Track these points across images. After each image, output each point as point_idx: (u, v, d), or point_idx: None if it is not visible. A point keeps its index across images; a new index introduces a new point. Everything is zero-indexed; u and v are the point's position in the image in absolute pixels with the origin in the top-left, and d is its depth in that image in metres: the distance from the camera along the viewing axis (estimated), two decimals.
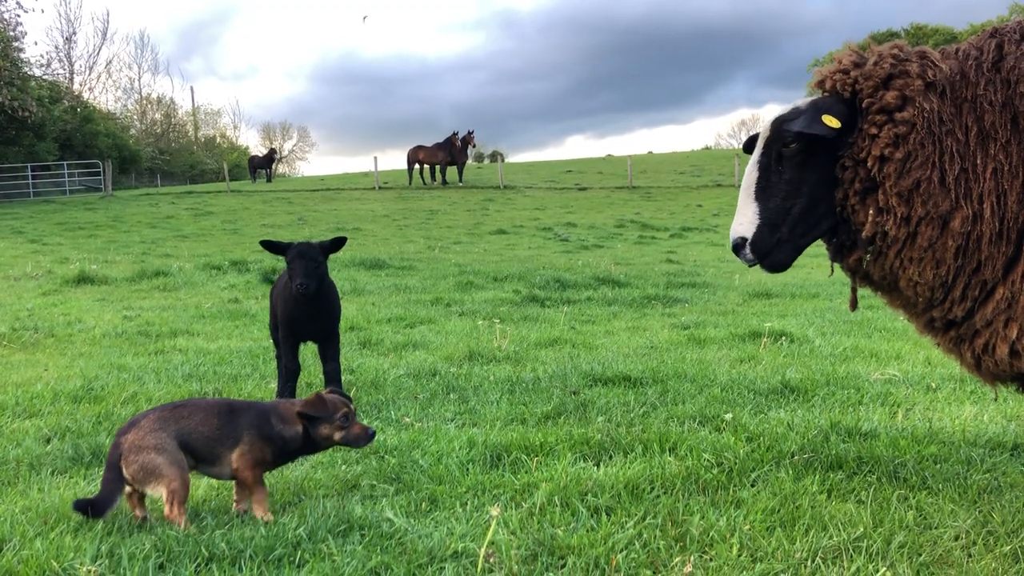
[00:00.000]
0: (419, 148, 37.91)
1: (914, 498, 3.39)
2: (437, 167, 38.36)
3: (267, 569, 2.75)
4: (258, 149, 73.39)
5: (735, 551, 2.92)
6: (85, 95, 59.11)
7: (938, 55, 2.97)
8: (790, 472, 3.68)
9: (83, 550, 2.83)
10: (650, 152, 63.84)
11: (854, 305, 3.35)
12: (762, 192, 3.13)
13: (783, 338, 7.65)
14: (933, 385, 5.69)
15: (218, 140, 77.89)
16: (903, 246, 2.92)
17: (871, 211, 2.94)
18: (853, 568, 2.79)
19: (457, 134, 36.95)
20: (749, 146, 3.30)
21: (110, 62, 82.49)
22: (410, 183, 38.10)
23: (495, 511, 2.94)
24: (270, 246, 5.11)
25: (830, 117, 2.96)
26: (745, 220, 3.14)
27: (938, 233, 2.85)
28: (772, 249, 3.13)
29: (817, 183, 3.07)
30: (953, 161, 2.81)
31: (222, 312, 10.03)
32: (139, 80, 79.56)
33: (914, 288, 3.01)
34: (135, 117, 69.33)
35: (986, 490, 3.51)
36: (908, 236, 2.90)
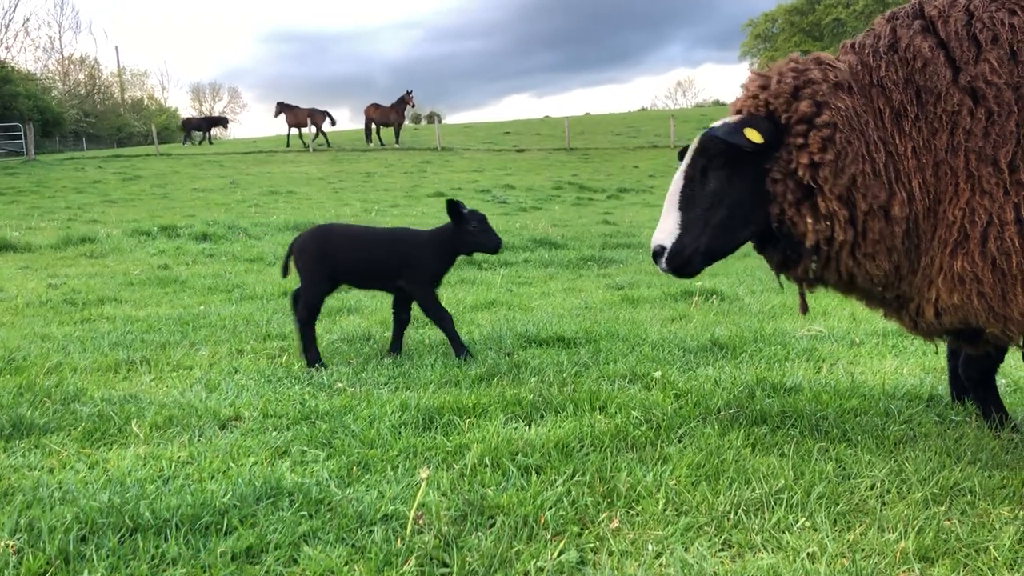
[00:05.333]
0: (374, 106, 37.23)
1: (834, 450, 3.50)
2: (382, 128, 37.81)
3: (194, 538, 2.72)
4: (188, 111, 71.43)
5: (661, 506, 2.99)
6: (2, 55, 56.71)
7: (832, 56, 3.10)
8: (716, 427, 3.76)
9: (0, 524, 2.77)
10: (587, 113, 63.87)
11: (804, 309, 3.47)
12: (685, 203, 3.23)
13: (714, 296, 7.79)
14: (857, 340, 5.85)
15: (146, 102, 75.63)
16: (855, 245, 2.99)
17: (809, 219, 3.02)
18: (774, 519, 2.88)
19: (411, 93, 36.39)
20: (683, 154, 3.36)
21: (27, 20, 79.33)
22: (368, 141, 37.53)
23: (424, 473, 2.96)
24: (455, 208, 5.38)
25: (752, 131, 3.04)
26: (666, 229, 3.25)
27: (884, 223, 2.93)
28: (687, 261, 3.24)
29: (739, 197, 3.15)
30: (878, 149, 2.90)
31: (151, 279, 9.80)
32: (60, 39, 76.60)
33: (870, 280, 3.10)
34: (57, 78, 66.85)
35: (902, 440, 3.64)
36: (857, 234, 2.98)
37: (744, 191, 3.14)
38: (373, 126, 37.70)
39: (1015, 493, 3.05)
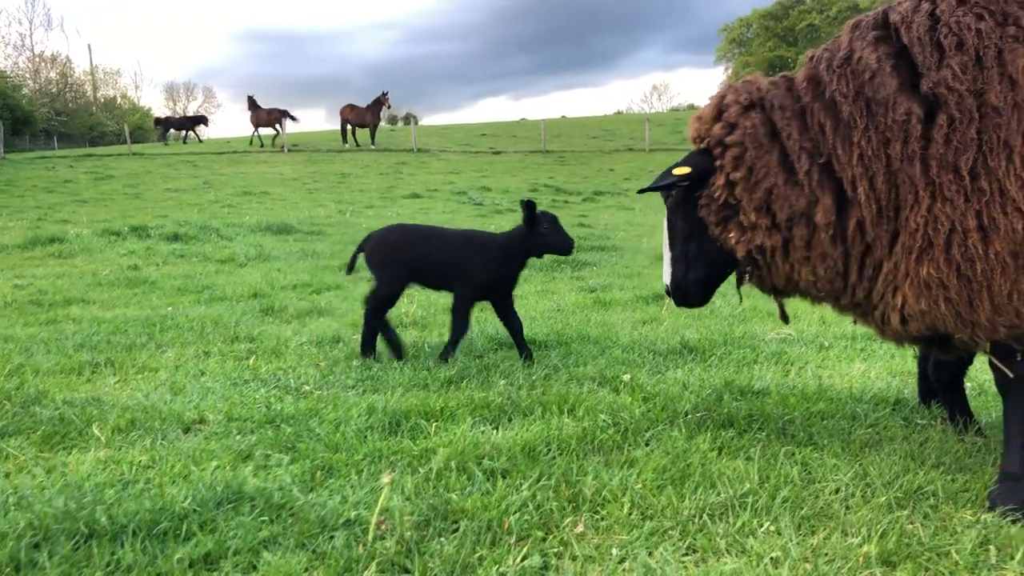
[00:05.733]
0: (350, 107, 37.05)
1: (800, 454, 3.51)
2: (359, 129, 37.65)
3: (151, 544, 2.68)
4: (161, 110, 70.72)
5: (626, 510, 2.98)
6: None
7: (762, 79, 3.26)
8: (683, 431, 3.76)
9: None
10: (563, 116, 64.03)
11: (784, 318, 3.77)
12: (670, 242, 3.56)
13: None
14: (826, 343, 5.88)
15: (119, 101, 74.81)
16: (785, 251, 3.14)
17: (733, 233, 3.22)
18: (739, 523, 2.87)
19: (386, 94, 36.26)
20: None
21: None
22: (344, 142, 37.35)
23: (387, 478, 2.93)
24: (531, 209, 5.30)
25: (681, 167, 3.32)
26: (665, 269, 3.63)
27: (807, 230, 3.06)
28: (685, 293, 3.57)
29: (696, 229, 3.40)
30: (800, 159, 3.01)
31: (120, 279, 9.68)
32: (31, 36, 75.66)
33: (815, 285, 3.19)
34: (27, 76, 66.00)
35: (868, 444, 3.66)
36: (784, 241, 3.13)
37: (697, 222, 3.37)
38: (349, 127, 37.54)
39: (977, 496, 3.07)
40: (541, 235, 5.30)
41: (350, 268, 5.84)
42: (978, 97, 2.74)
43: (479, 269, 5.37)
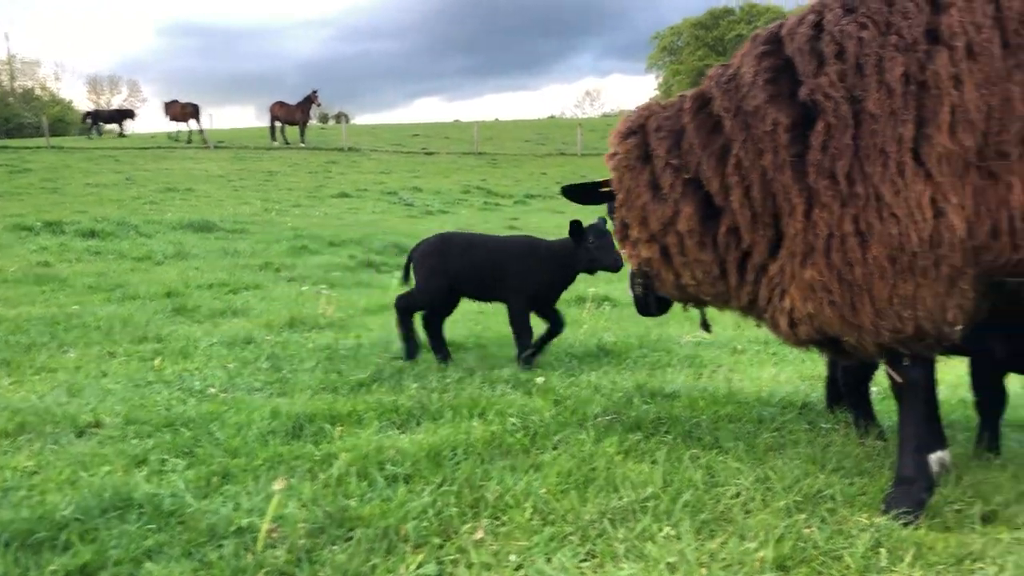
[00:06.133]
0: (279, 104, 36.35)
1: (705, 457, 3.51)
2: (288, 127, 36.99)
3: (24, 555, 2.54)
4: (84, 103, 68.61)
5: (528, 515, 2.94)
6: None
7: (660, 104, 3.44)
8: (592, 434, 3.74)
9: None
10: (497, 119, 63.95)
11: (705, 327, 3.94)
12: None
13: (606, 303, 7.84)
14: (739, 347, 5.96)
15: (38, 92, 72.17)
16: (666, 259, 3.32)
17: (627, 249, 3.48)
18: (639, 528, 2.86)
19: (316, 92, 35.71)
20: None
21: None
22: (272, 139, 36.62)
23: (279, 485, 2.84)
24: (577, 226, 5.25)
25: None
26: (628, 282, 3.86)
27: (676, 238, 3.22)
28: (643, 307, 3.88)
29: None
30: (665, 175, 3.20)
31: (28, 276, 9.31)
32: None
33: (700, 289, 3.33)
34: None
35: (772, 448, 3.69)
36: (661, 250, 3.31)
37: None
38: (278, 124, 36.86)
39: (874, 500, 3.11)
40: (587, 250, 5.21)
41: (405, 276, 5.72)
42: (856, 104, 2.79)
43: (527, 280, 5.29)
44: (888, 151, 2.72)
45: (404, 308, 5.44)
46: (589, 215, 5.23)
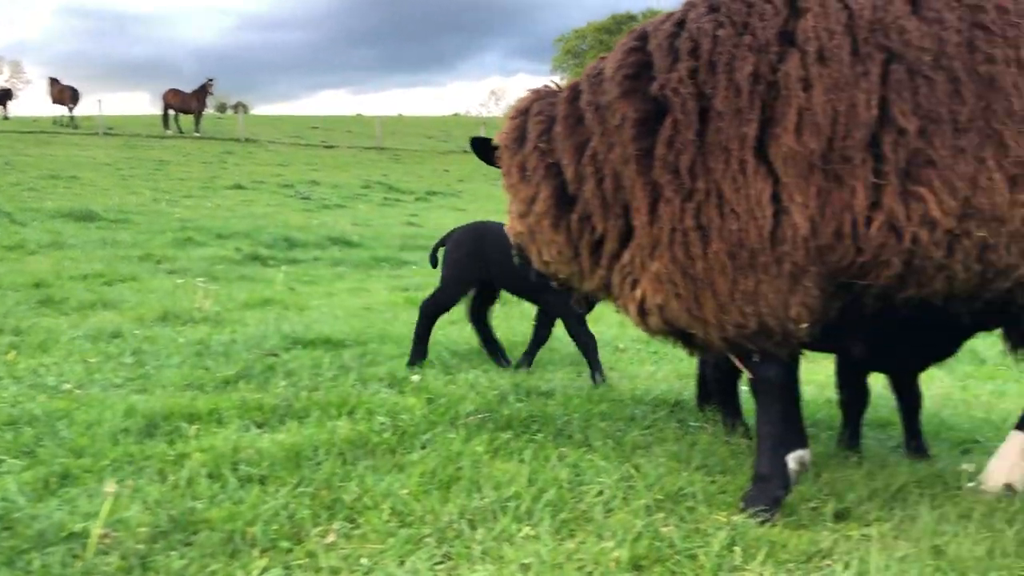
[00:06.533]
0: (173, 92, 35.03)
1: (573, 456, 3.49)
2: (182, 115, 35.73)
3: None
4: None
5: (385, 517, 2.85)
6: None
7: (550, 90, 3.45)
8: (462, 433, 3.67)
9: None
10: (400, 115, 63.39)
11: (580, 304, 3.96)
12: None
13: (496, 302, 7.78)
14: (621, 346, 6.00)
15: None
16: (531, 236, 3.38)
17: (509, 223, 3.57)
18: (498, 528, 2.81)
19: (212, 81, 34.59)
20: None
21: None
22: (165, 127, 35.26)
23: (110, 488, 2.67)
24: None
25: None
26: None
27: (535, 217, 3.29)
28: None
29: None
30: (532, 158, 3.26)
31: None
32: None
33: (557, 267, 3.40)
34: None
35: (639, 446, 3.69)
36: (528, 229, 3.37)
37: None
38: (171, 112, 35.61)
39: (733, 498, 3.13)
40: None
41: (432, 261, 5.48)
42: (703, 101, 2.83)
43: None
44: (731, 148, 2.76)
45: (432, 314, 5.18)
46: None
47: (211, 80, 34.63)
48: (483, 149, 3.74)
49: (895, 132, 2.68)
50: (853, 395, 3.89)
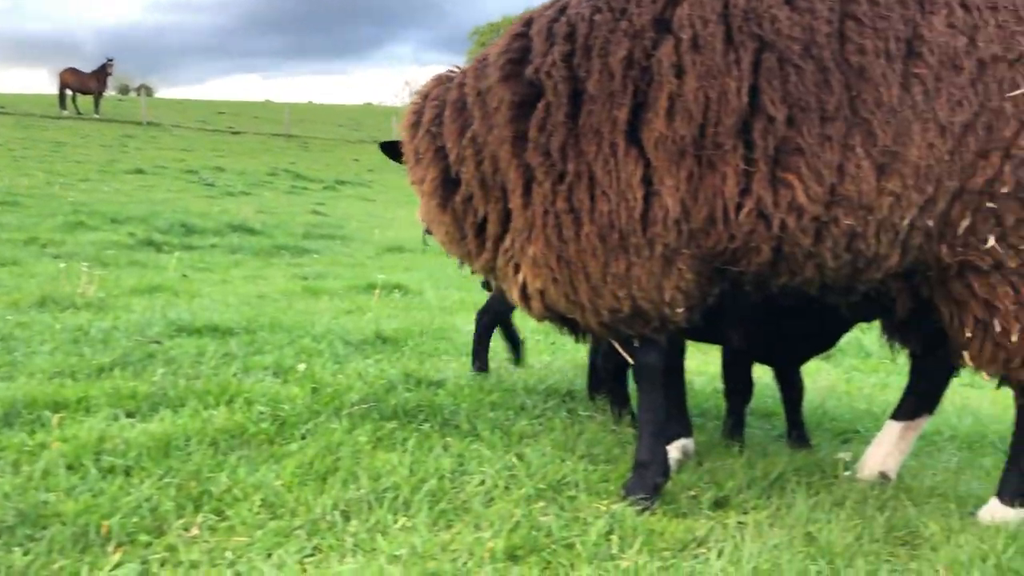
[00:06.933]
0: (71, 71, 33.48)
1: (458, 446, 3.43)
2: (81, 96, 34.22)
3: None
4: None
5: (255, 508, 2.74)
6: None
7: (438, 77, 3.42)
8: (346, 423, 3.57)
9: None
10: (311, 102, 62.32)
11: (486, 286, 4.07)
12: None
13: (397, 290, 7.70)
14: (522, 337, 5.96)
15: None
16: (428, 216, 3.39)
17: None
18: (373, 520, 2.73)
19: (112, 61, 33.22)
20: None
21: None
22: (62, 108, 33.69)
23: None
24: None
25: None
26: None
27: (426, 198, 3.30)
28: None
29: None
30: (424, 142, 3.24)
31: None
32: None
33: (449, 247, 3.39)
34: None
35: (527, 435, 3.65)
36: (425, 208, 3.38)
37: None
38: (69, 92, 34.12)
39: (615, 486, 3.12)
40: None
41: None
42: (576, 84, 2.83)
43: None
44: (603, 131, 2.77)
45: (490, 323, 4.80)
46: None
47: (111, 60, 33.33)
48: (393, 151, 3.69)
49: (765, 120, 2.71)
50: (737, 385, 3.93)
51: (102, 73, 33.43)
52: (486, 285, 3.93)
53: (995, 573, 2.58)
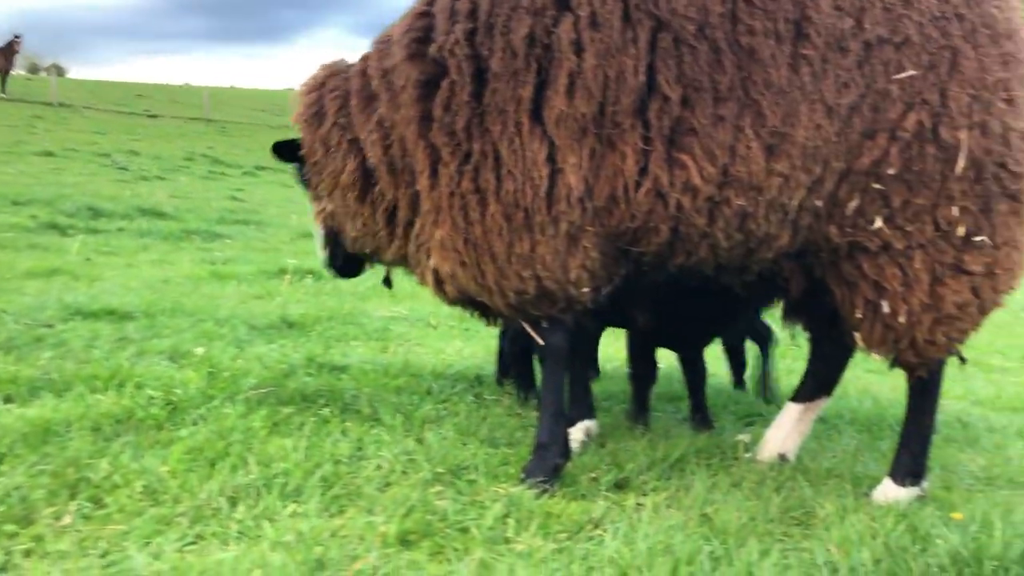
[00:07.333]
0: None
1: (358, 431, 3.35)
2: None
3: None
4: None
5: (135, 495, 2.61)
6: None
7: (330, 66, 3.34)
8: (241, 408, 3.45)
9: None
10: (232, 86, 60.89)
11: (387, 283, 3.88)
12: None
13: (309, 276, 7.54)
14: (433, 323, 5.90)
15: None
16: (341, 212, 3.27)
17: (314, 206, 3.44)
18: (261, 506, 2.63)
19: (19, 38, 31.82)
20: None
21: None
22: None
23: None
24: None
25: None
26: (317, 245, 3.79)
27: (342, 191, 3.18)
28: (332, 266, 3.85)
29: None
30: (333, 133, 3.14)
31: None
32: None
33: (363, 241, 3.27)
34: None
35: (430, 420, 3.59)
36: (336, 206, 3.27)
37: None
38: None
39: (515, 470, 3.08)
40: None
41: None
42: (480, 63, 2.78)
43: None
44: (507, 110, 2.74)
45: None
46: None
47: (18, 37, 31.98)
48: (288, 151, 3.48)
49: (660, 99, 2.69)
50: (642, 369, 3.93)
51: (9, 51, 32.03)
52: (386, 282, 3.79)
53: (883, 550, 2.61)
